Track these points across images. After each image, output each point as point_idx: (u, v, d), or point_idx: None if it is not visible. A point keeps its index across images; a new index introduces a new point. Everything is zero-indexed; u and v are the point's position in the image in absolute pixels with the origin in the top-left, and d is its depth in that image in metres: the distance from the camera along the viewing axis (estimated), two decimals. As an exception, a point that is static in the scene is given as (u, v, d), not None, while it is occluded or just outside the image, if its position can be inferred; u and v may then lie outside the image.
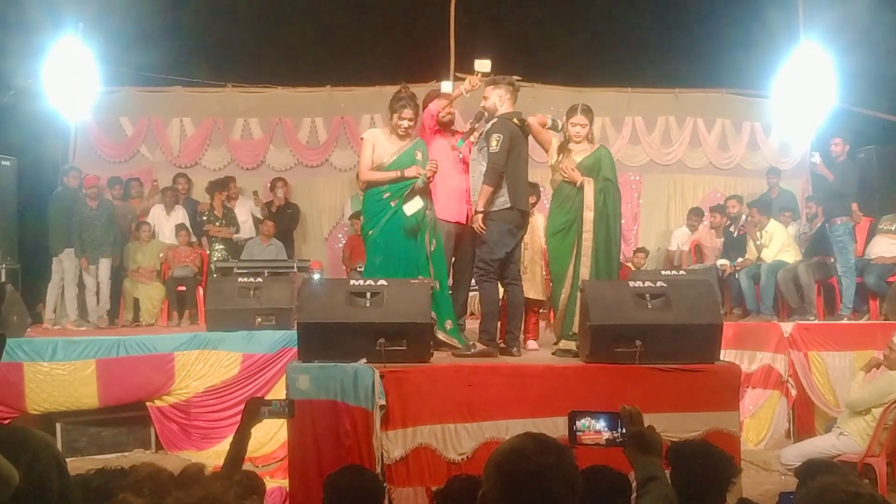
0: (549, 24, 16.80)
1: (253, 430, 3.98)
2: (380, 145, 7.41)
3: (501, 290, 7.56)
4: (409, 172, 7.25)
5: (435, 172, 7.33)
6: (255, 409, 4.05)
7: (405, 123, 7.38)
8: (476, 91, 7.68)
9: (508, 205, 7.18)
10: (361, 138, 7.71)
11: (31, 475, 2.42)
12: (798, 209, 12.98)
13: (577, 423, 3.12)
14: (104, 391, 9.24)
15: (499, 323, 7.46)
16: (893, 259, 10.97)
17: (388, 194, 7.34)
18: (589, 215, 7.35)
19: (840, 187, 10.72)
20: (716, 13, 15.29)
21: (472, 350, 7.17)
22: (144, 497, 2.48)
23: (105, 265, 11.46)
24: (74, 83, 12.29)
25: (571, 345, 7.19)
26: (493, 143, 7.12)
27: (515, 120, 7.31)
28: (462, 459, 6.06)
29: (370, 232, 7.40)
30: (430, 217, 7.45)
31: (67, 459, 6.68)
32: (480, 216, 7.20)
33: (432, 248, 7.45)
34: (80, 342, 9.46)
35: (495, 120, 7.30)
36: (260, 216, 13.10)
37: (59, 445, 9.09)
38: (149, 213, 12.70)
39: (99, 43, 12.90)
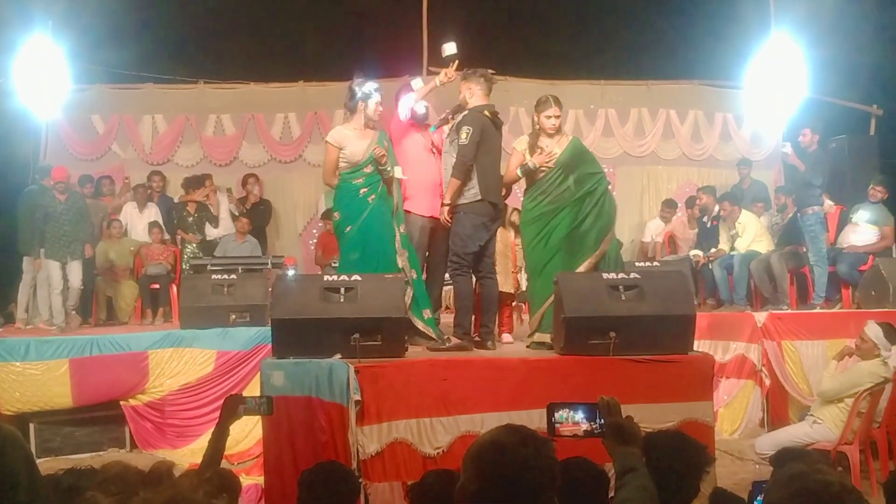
0: (523, 17, 16.83)
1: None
2: (350, 143, 7.37)
3: (475, 283, 7.57)
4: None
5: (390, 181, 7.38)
6: (233, 407, 4.04)
7: (374, 108, 7.40)
8: (453, 84, 7.69)
9: (479, 197, 7.19)
10: (326, 141, 7.59)
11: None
12: (769, 200, 13.04)
13: (556, 414, 3.12)
14: (78, 390, 9.19)
15: (473, 317, 7.46)
16: (865, 248, 11.06)
17: (364, 189, 7.33)
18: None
19: (811, 177, 10.77)
20: (687, 5, 15.36)
21: (447, 344, 7.17)
22: (112, 496, 2.47)
23: (76, 268, 11.14)
24: (45, 81, 12.17)
25: (546, 337, 7.20)
26: (463, 135, 7.12)
27: (487, 112, 7.30)
28: (438, 454, 6.05)
29: (347, 228, 7.37)
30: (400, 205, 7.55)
31: (41, 460, 6.62)
32: (447, 208, 7.22)
33: (402, 233, 7.47)
34: (53, 342, 9.41)
35: (466, 113, 7.30)
36: (235, 213, 13.04)
37: (32, 446, 9.07)
38: (121, 211, 12.61)
39: (70, 40, 12.78)
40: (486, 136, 7.23)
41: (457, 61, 7.67)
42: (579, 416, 3.11)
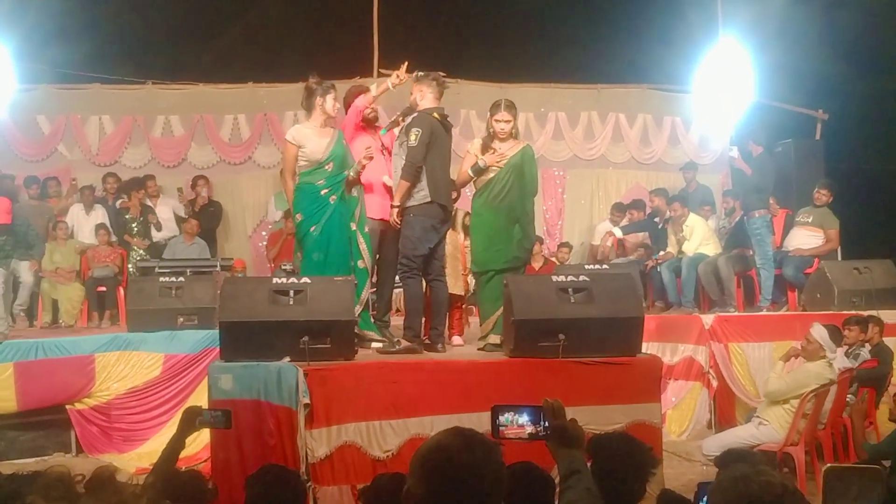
0: (473, 19, 16.87)
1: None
2: (310, 142, 7.40)
3: (425, 285, 7.58)
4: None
5: (370, 160, 7.39)
6: (191, 419, 4.01)
7: (335, 105, 7.47)
8: (403, 87, 7.70)
9: (428, 199, 7.21)
10: (285, 140, 7.61)
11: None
12: (715, 203, 13.16)
13: (500, 417, 3.11)
14: (22, 395, 9.04)
15: (423, 319, 7.47)
16: (811, 251, 11.20)
17: (326, 190, 7.34)
18: None
19: (758, 181, 10.89)
20: (636, 9, 15.47)
21: (397, 346, 7.17)
22: (54, 501, 2.43)
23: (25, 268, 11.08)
24: (-11, 81, 12.01)
25: (497, 339, 7.22)
26: (412, 137, 7.14)
27: (436, 115, 7.32)
28: (387, 456, 6.06)
29: (311, 229, 7.37)
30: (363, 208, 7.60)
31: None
32: (396, 210, 7.23)
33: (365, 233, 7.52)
34: (-3, 345, 9.26)
35: (415, 115, 7.32)
36: (183, 214, 12.92)
37: (-24, 451, 8.94)
38: (67, 213, 12.45)
39: (15, 39, 12.59)
40: (436, 138, 7.24)
41: (406, 63, 7.68)
42: (524, 418, 3.11)
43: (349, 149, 7.56)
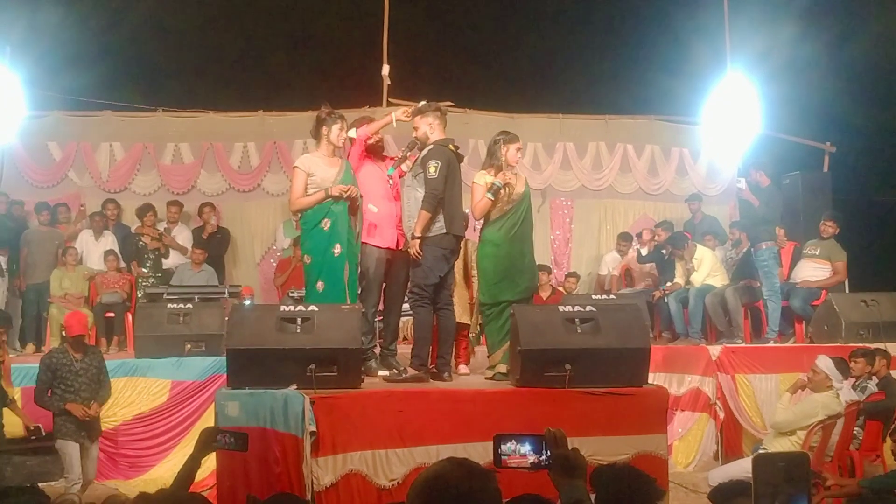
0: (483, 51, 16.98)
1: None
2: (319, 170, 7.42)
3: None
4: (334, 192, 7.28)
5: (354, 197, 7.38)
6: (208, 440, 4.02)
7: (341, 135, 7.49)
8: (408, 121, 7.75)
9: (444, 230, 7.23)
10: (295, 167, 7.64)
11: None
12: (723, 234, 13.16)
13: (503, 446, 3.13)
14: (30, 419, 9.07)
15: (430, 348, 7.47)
16: (818, 283, 11.19)
17: (327, 221, 7.36)
18: None
19: (766, 213, 10.92)
20: (645, 43, 15.60)
21: (404, 375, 7.18)
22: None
23: None
24: (1, 107, 12.09)
25: (506, 368, 7.21)
26: (432, 169, 7.15)
27: (450, 146, 7.37)
28: (393, 485, 6.05)
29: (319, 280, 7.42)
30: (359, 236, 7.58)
31: (-9, 489, 6.48)
32: (418, 241, 7.22)
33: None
34: (6, 370, 9.28)
35: (431, 147, 7.33)
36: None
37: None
38: (76, 239, 12.49)
39: (27, 66, 12.72)
40: (451, 169, 7.29)
41: (419, 104, 7.72)
42: (526, 448, 3.12)
43: (356, 179, 7.59)
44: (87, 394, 8.66)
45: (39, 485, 8.84)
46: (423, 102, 7.70)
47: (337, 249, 7.34)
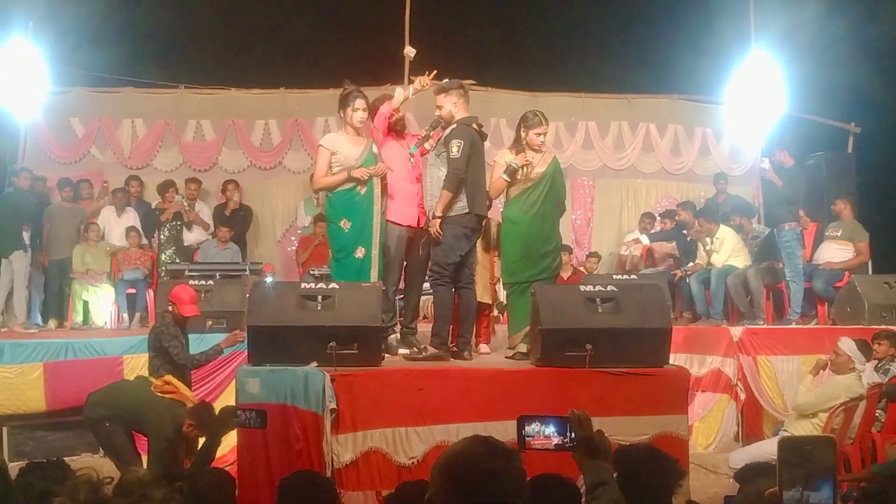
0: (504, 29, 16.89)
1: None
2: (343, 148, 7.39)
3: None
4: (358, 173, 7.25)
5: (385, 172, 7.36)
6: (227, 418, 4.04)
7: (360, 115, 7.43)
8: (426, 93, 7.71)
9: (466, 210, 7.19)
10: (319, 145, 7.60)
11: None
12: (752, 208, 13.04)
13: (527, 427, 3.12)
14: (52, 395, 9.14)
15: (451, 327, 7.46)
16: (841, 264, 11.13)
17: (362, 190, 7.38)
18: None
19: (789, 193, 10.86)
20: (668, 20, 15.46)
21: (424, 354, 7.17)
22: (80, 502, 2.46)
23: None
24: (24, 84, 12.12)
25: (527, 347, 7.20)
26: (454, 148, 7.12)
27: (474, 125, 7.33)
28: (413, 463, 6.05)
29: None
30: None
31: (14, 464, 6.56)
32: (438, 221, 7.19)
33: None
34: (28, 345, 9.35)
35: (454, 126, 7.29)
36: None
37: (5, 450, 9.02)
38: (99, 215, 12.55)
39: (50, 43, 12.74)
40: (475, 149, 7.24)
41: (435, 71, 7.68)
42: (550, 429, 3.11)
43: (381, 157, 7.56)
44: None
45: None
46: (445, 80, 7.67)
47: (376, 218, 7.38)
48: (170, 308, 8.08)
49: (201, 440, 6.51)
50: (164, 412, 6.95)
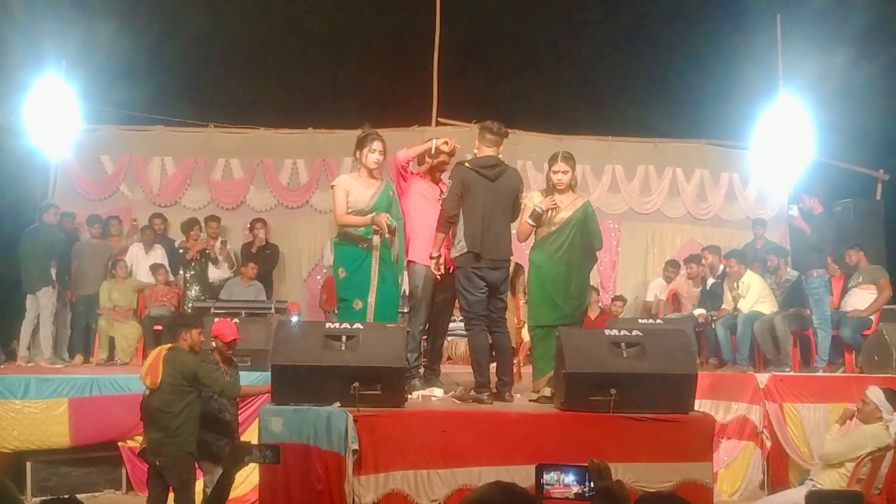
0: (532, 71, 16.98)
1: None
2: (354, 191, 7.41)
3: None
4: (379, 220, 7.26)
5: (394, 231, 7.38)
6: (241, 454, 4.03)
7: (375, 157, 7.45)
8: (469, 136, 7.76)
9: (465, 249, 7.16)
10: (332, 185, 7.59)
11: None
12: (786, 252, 12.97)
13: (546, 476, 3.10)
14: (76, 430, 9.17)
15: (488, 370, 7.38)
16: (868, 312, 11.03)
17: (364, 244, 7.38)
18: None
19: (817, 240, 10.79)
20: (696, 65, 15.51)
21: (471, 395, 7.13)
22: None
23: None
24: (56, 120, 12.28)
25: (551, 391, 7.14)
26: (447, 189, 7.23)
27: (467, 164, 7.28)
28: (434, 506, 6.02)
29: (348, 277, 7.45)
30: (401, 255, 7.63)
31: (37, 499, 6.58)
32: (434, 261, 7.37)
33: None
34: (54, 380, 9.40)
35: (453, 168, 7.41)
36: (237, 257, 13.05)
37: (28, 485, 9.05)
38: (127, 252, 12.63)
39: (81, 81, 12.95)
40: (469, 188, 7.18)
41: (456, 144, 7.81)
42: (569, 478, 3.09)
43: (397, 199, 7.57)
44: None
45: (84, 495, 8.98)
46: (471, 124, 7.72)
47: (374, 267, 7.40)
48: (213, 344, 8.06)
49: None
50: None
